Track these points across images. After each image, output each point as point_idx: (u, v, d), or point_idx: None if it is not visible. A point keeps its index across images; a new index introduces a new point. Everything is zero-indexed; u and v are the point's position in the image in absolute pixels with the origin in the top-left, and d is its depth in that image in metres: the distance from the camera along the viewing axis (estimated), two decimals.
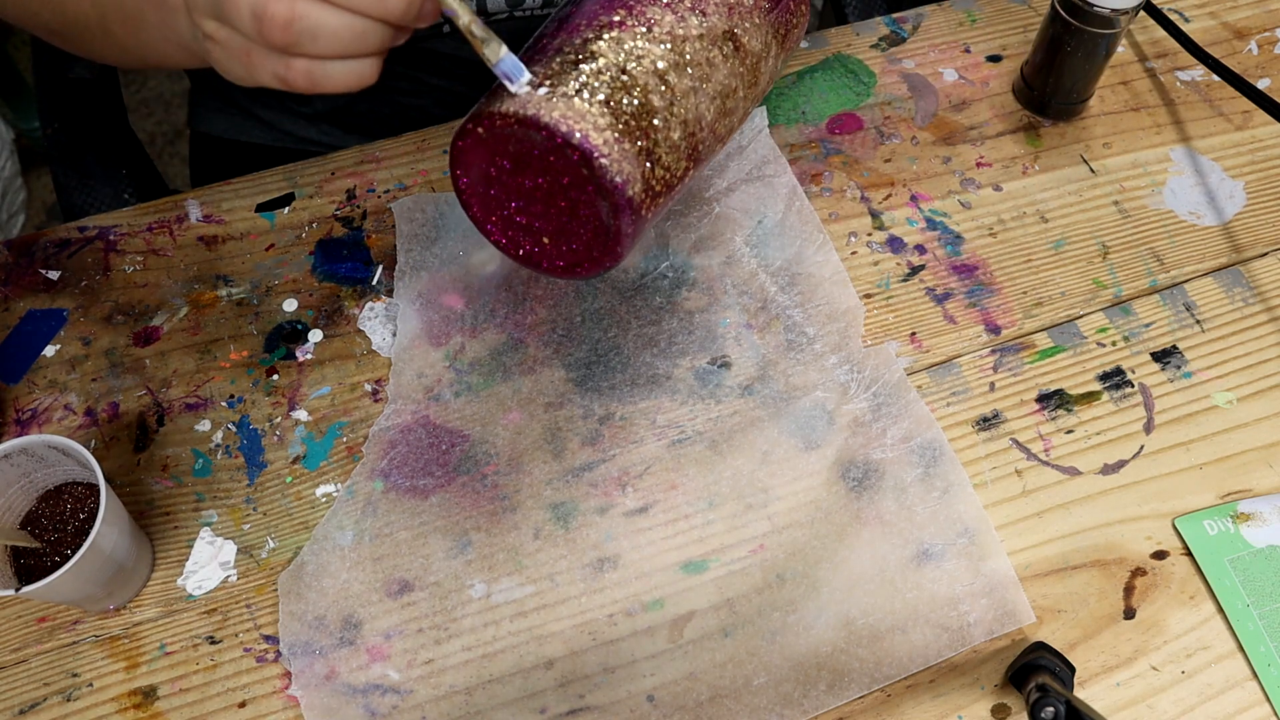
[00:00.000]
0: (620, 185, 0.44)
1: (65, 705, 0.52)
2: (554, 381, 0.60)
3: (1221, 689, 0.52)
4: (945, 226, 0.65)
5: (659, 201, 0.47)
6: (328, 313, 0.62)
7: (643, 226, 0.48)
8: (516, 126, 0.45)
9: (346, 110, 0.80)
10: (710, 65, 0.48)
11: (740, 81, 0.49)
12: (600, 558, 0.55)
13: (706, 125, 0.48)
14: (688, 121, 0.47)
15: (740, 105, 0.50)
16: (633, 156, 0.45)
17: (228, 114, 0.83)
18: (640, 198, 0.46)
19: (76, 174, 0.76)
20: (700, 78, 0.47)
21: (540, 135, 0.44)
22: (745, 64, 0.49)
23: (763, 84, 0.52)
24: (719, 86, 0.48)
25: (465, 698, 0.52)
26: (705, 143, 0.48)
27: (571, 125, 0.44)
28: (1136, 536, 0.56)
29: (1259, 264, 0.64)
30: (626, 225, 0.46)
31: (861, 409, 0.58)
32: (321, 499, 0.57)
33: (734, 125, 0.51)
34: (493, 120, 0.45)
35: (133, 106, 1.69)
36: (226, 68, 0.45)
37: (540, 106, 0.44)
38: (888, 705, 0.52)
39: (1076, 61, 0.65)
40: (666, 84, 0.46)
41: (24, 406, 0.59)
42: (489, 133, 0.46)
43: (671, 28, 0.47)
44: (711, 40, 0.48)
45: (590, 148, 0.44)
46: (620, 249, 0.47)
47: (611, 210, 0.45)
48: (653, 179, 0.46)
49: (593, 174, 0.44)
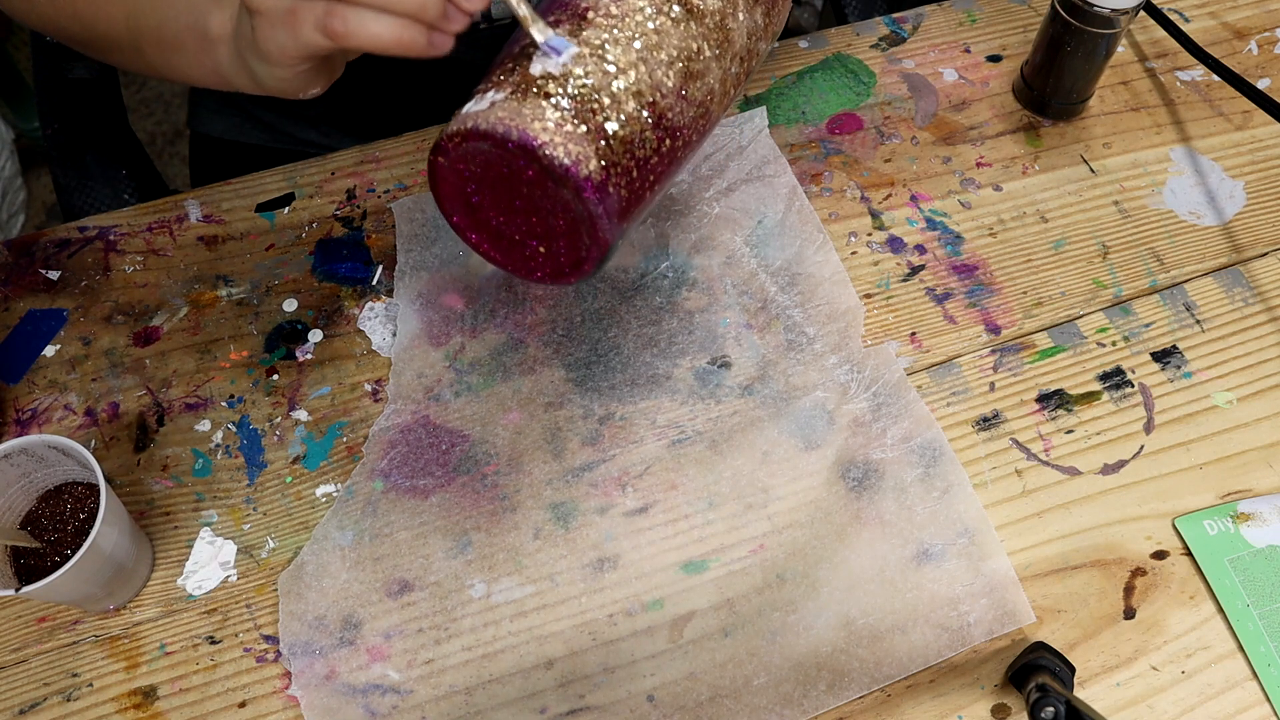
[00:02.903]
0: (571, 167, 0.44)
1: (65, 705, 0.52)
2: (554, 381, 0.60)
3: (1221, 689, 0.52)
4: (945, 226, 0.65)
5: (633, 177, 0.47)
6: (328, 313, 0.62)
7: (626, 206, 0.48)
8: (464, 143, 0.46)
9: (347, 113, 0.80)
10: (659, 33, 0.47)
11: (704, 42, 0.49)
12: (600, 558, 0.55)
13: (670, 92, 0.48)
14: (641, 92, 0.47)
15: (713, 65, 0.50)
16: (580, 137, 0.45)
17: (227, 115, 0.83)
18: (599, 174, 0.45)
19: (76, 174, 0.76)
20: (648, 46, 0.47)
21: (487, 144, 0.45)
22: (704, 24, 0.49)
23: (741, 39, 0.51)
24: (675, 52, 0.48)
25: (465, 698, 0.52)
26: (675, 109, 0.48)
27: (508, 124, 0.44)
28: (1136, 536, 0.56)
29: (1259, 264, 0.64)
30: (595, 206, 0.46)
31: (861, 409, 0.58)
32: (321, 499, 0.57)
33: (713, 87, 0.50)
34: (444, 146, 0.46)
35: (133, 106, 1.69)
36: (270, 38, 0.44)
37: (478, 117, 0.45)
38: (888, 705, 0.52)
39: (1076, 61, 0.65)
40: (605, 61, 0.46)
41: (24, 406, 0.59)
42: (447, 159, 0.47)
43: (606, 10, 0.47)
44: (656, 10, 0.48)
45: (528, 139, 0.44)
46: (600, 231, 0.47)
47: (575, 194, 0.45)
48: (613, 154, 0.46)
49: (539, 164, 0.44)
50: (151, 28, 0.52)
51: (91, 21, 0.55)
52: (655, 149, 0.48)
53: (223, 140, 0.83)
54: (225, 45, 0.49)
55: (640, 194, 0.48)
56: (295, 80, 0.48)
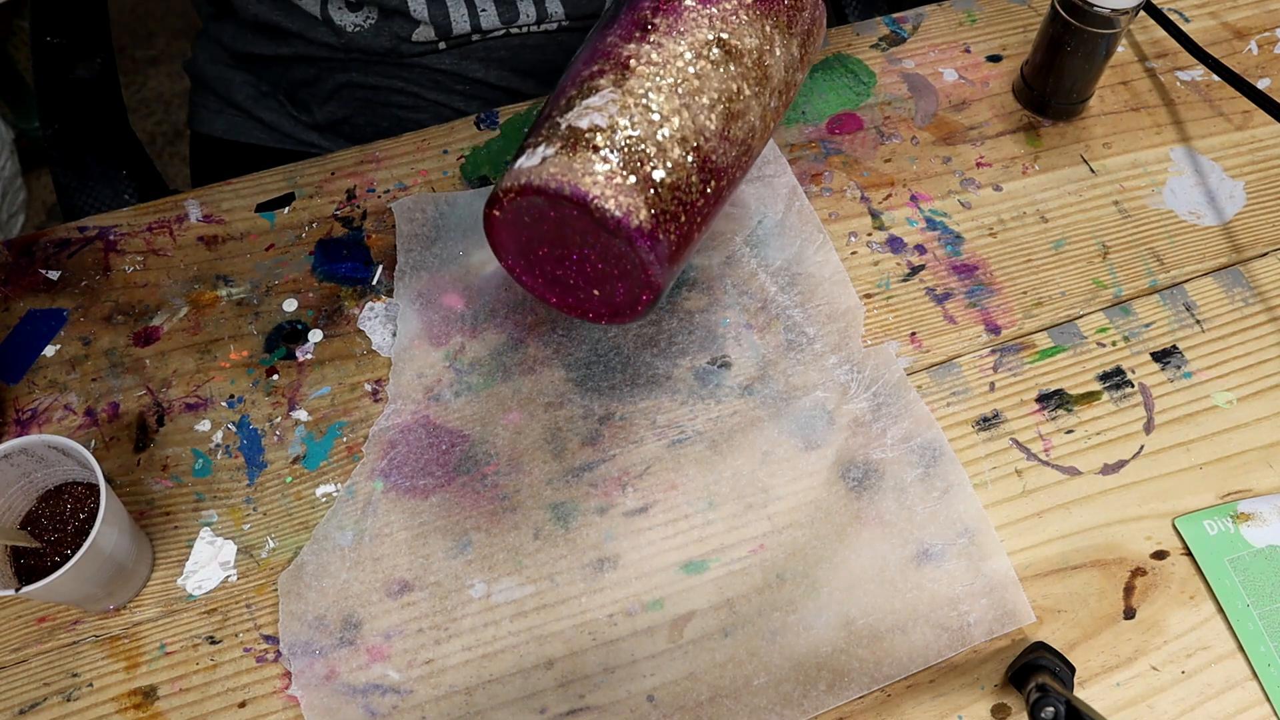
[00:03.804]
0: (623, 219, 0.46)
1: (65, 705, 0.52)
2: (554, 381, 0.60)
3: (1221, 689, 0.52)
4: (945, 226, 0.65)
5: (681, 221, 0.48)
6: (328, 313, 0.62)
7: (675, 250, 0.49)
8: (519, 198, 0.47)
9: (345, 122, 0.80)
10: (700, 78, 0.48)
11: (744, 81, 0.50)
12: (600, 558, 0.55)
13: (713, 134, 0.49)
14: (686, 138, 0.47)
15: (753, 103, 0.51)
16: (630, 188, 0.46)
17: (227, 115, 0.83)
18: (649, 224, 0.47)
19: (76, 174, 0.76)
20: (690, 92, 0.48)
21: (541, 199, 0.46)
22: (742, 64, 0.50)
23: (779, 73, 0.52)
24: (715, 94, 0.49)
25: (465, 698, 0.52)
26: (719, 150, 0.49)
27: (560, 180, 0.45)
28: (1136, 536, 0.56)
29: (1259, 264, 0.64)
30: (646, 254, 0.47)
31: (861, 409, 0.58)
32: (321, 499, 0.57)
33: (754, 124, 0.51)
34: (500, 200, 0.48)
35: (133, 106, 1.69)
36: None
37: (531, 173, 0.46)
38: (888, 705, 0.52)
39: (1076, 61, 0.65)
40: (650, 110, 0.47)
41: (24, 406, 0.59)
42: (503, 212, 0.49)
43: (648, 57, 0.48)
44: (696, 55, 0.49)
45: (580, 193, 0.45)
46: (653, 276, 0.48)
47: (628, 244, 0.47)
48: (661, 202, 0.47)
49: (592, 217, 0.46)
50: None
51: None
52: (701, 191, 0.49)
53: (223, 140, 0.83)
54: None
55: (689, 236, 0.50)
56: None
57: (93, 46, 0.80)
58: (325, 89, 0.77)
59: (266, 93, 0.82)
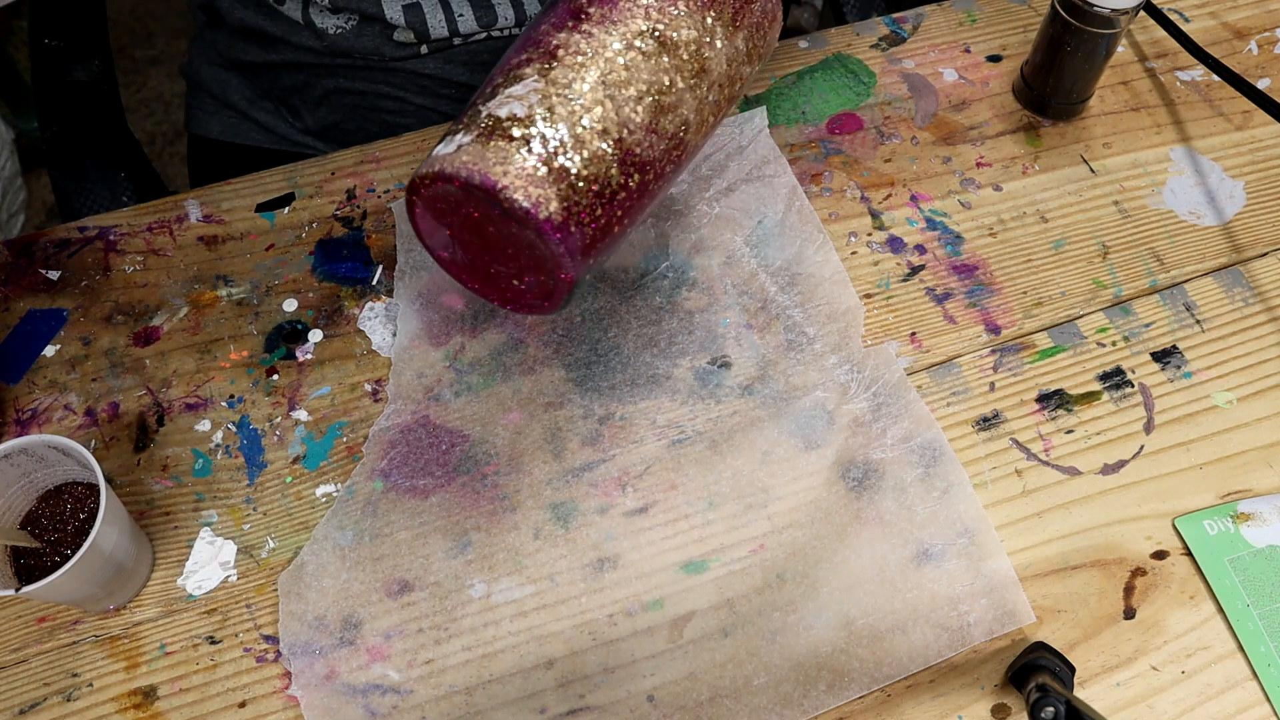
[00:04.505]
0: (531, 210, 0.45)
1: (65, 705, 0.52)
2: (554, 381, 0.60)
3: (1221, 689, 0.52)
4: (945, 226, 0.65)
5: (597, 214, 0.47)
6: (328, 313, 0.62)
7: (592, 242, 0.48)
8: (433, 185, 0.46)
9: (335, 128, 0.80)
10: (629, 69, 0.47)
11: (677, 74, 0.49)
12: (600, 558, 0.55)
13: (639, 127, 0.48)
14: (607, 129, 0.47)
15: (687, 96, 0.49)
16: (542, 179, 0.45)
17: (224, 117, 0.83)
18: (560, 215, 0.46)
19: (75, 177, 0.76)
20: (616, 83, 0.47)
21: (453, 187, 0.46)
22: (677, 56, 0.49)
23: (720, 67, 0.51)
24: (644, 86, 0.48)
25: (465, 698, 0.52)
26: (644, 144, 0.48)
27: (471, 168, 0.45)
28: (1136, 536, 0.56)
29: (1259, 264, 0.64)
30: (556, 245, 0.46)
31: (861, 409, 0.58)
32: (321, 499, 0.57)
33: (689, 118, 0.50)
34: (416, 187, 0.47)
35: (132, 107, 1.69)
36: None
37: (445, 160, 0.46)
38: (888, 705, 0.52)
39: (1076, 61, 0.65)
40: (571, 101, 0.46)
41: (24, 406, 0.59)
42: (420, 199, 0.48)
43: (576, 47, 0.47)
44: (627, 45, 0.48)
45: (491, 183, 0.44)
46: (564, 269, 0.47)
47: (537, 235, 0.46)
48: (575, 194, 0.46)
49: (501, 207, 0.45)
50: None
51: None
52: (623, 185, 0.48)
53: (220, 142, 0.83)
54: None
55: (608, 229, 0.48)
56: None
57: (90, 49, 0.80)
58: (314, 95, 0.78)
59: (261, 96, 0.82)
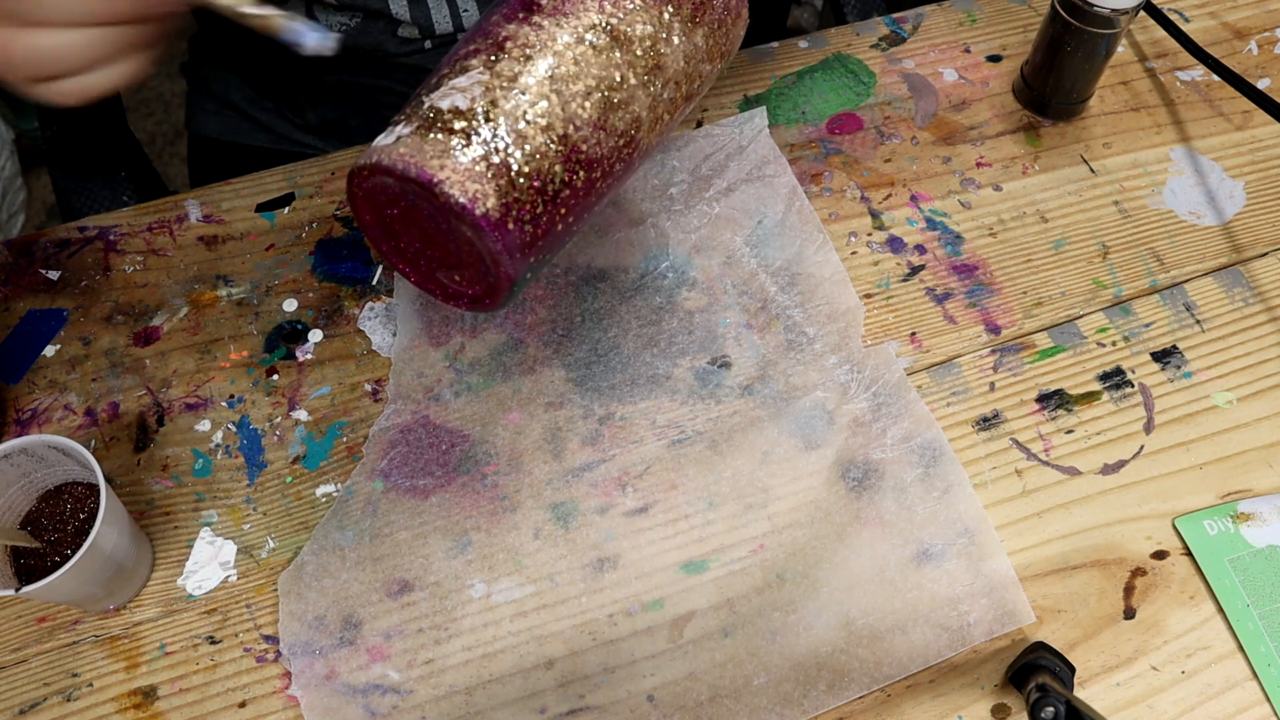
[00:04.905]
0: (467, 205, 0.44)
1: (65, 705, 0.52)
2: (554, 381, 0.60)
3: (1221, 689, 0.52)
4: (945, 226, 0.65)
5: (538, 211, 0.46)
6: (328, 313, 0.62)
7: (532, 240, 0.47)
8: (371, 177, 0.45)
9: (338, 124, 0.80)
10: (579, 63, 0.46)
11: (630, 70, 0.48)
12: (600, 558, 0.55)
13: (585, 123, 0.46)
14: (551, 125, 0.46)
15: (639, 93, 0.48)
16: (480, 174, 0.44)
17: (225, 116, 0.83)
18: (497, 212, 0.45)
19: (75, 177, 0.76)
20: (564, 78, 0.46)
21: (391, 179, 0.45)
22: (630, 51, 0.47)
23: (677, 63, 0.50)
24: (594, 81, 0.47)
25: (465, 698, 0.52)
26: (590, 140, 0.47)
27: (408, 161, 0.44)
28: (1136, 536, 0.56)
29: (1259, 264, 0.64)
30: (493, 243, 0.45)
31: (861, 409, 0.58)
32: (321, 499, 0.57)
33: (640, 115, 0.49)
34: (355, 178, 0.46)
35: (132, 107, 1.69)
36: None
37: (383, 152, 0.45)
38: (888, 705, 0.52)
39: (1076, 61, 0.65)
40: (512, 94, 0.45)
41: (24, 406, 0.59)
42: (360, 190, 0.47)
43: (525, 40, 0.46)
44: (577, 39, 0.46)
45: (425, 176, 0.44)
46: (502, 266, 0.46)
47: (474, 231, 0.45)
48: (515, 190, 0.45)
49: (437, 201, 0.44)
50: None
51: None
52: (567, 182, 0.47)
53: (221, 141, 0.83)
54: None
55: (550, 226, 0.47)
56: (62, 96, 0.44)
57: None
58: (317, 90, 0.77)
59: (262, 94, 0.82)
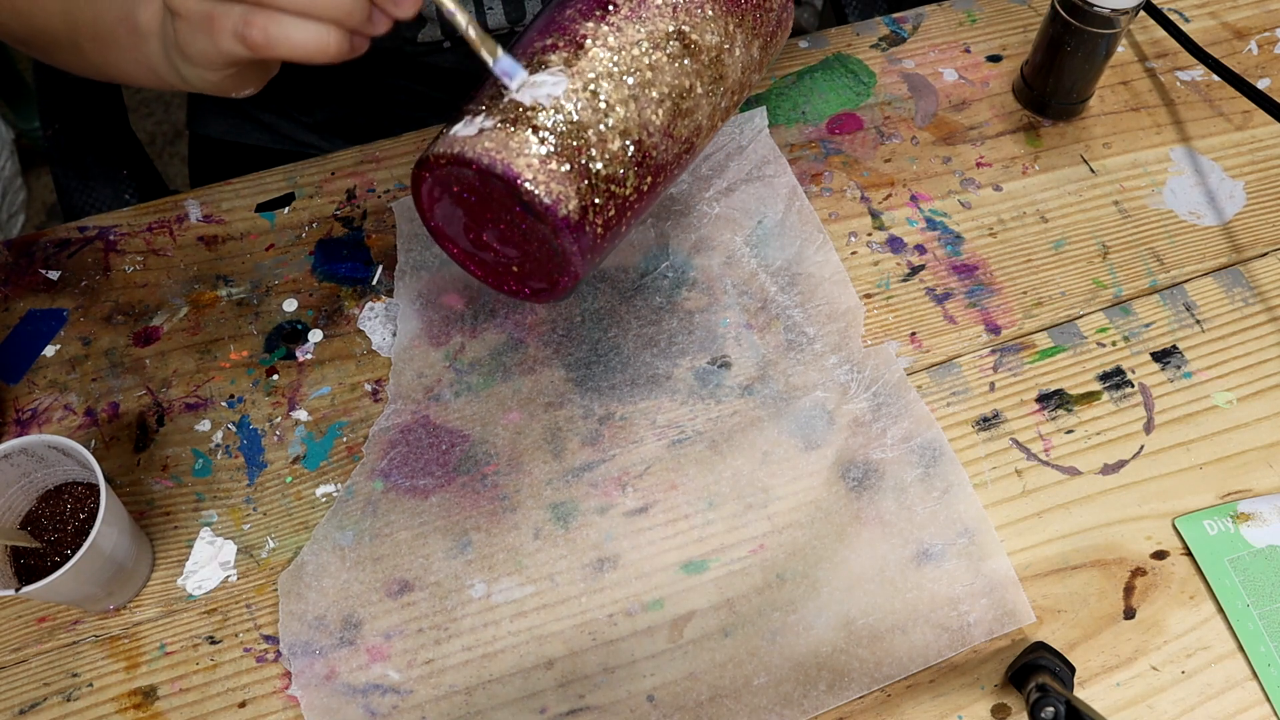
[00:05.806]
0: (551, 206, 0.44)
1: (65, 705, 0.52)
2: (554, 381, 0.60)
3: (1221, 689, 0.52)
4: (945, 226, 0.65)
5: (610, 215, 0.47)
6: (328, 313, 0.62)
7: (599, 241, 0.47)
8: (449, 166, 0.45)
9: (347, 121, 0.80)
10: (654, 69, 0.47)
11: (697, 79, 0.48)
12: (600, 558, 0.55)
13: (657, 130, 0.47)
14: (629, 130, 0.46)
15: (704, 102, 0.49)
16: (563, 175, 0.44)
17: (227, 116, 0.83)
18: (577, 214, 0.45)
19: (77, 175, 0.76)
20: (641, 84, 0.46)
21: (471, 172, 0.45)
22: (699, 60, 0.48)
23: (736, 74, 0.50)
24: (666, 89, 0.47)
25: (465, 698, 0.52)
26: (660, 147, 0.47)
27: (494, 156, 0.44)
28: (1136, 536, 0.56)
29: (1259, 264, 0.64)
30: (569, 244, 0.46)
31: (861, 409, 0.58)
32: (321, 499, 0.57)
33: (702, 123, 0.49)
34: (430, 163, 0.46)
35: (133, 106, 1.69)
36: (191, 42, 0.43)
37: (465, 143, 0.45)
38: (888, 705, 0.52)
39: (1076, 61, 0.65)
40: (598, 97, 0.45)
41: (24, 406, 0.59)
42: (432, 175, 0.47)
43: (605, 40, 0.46)
44: (654, 45, 0.47)
45: (514, 174, 0.44)
46: (573, 267, 0.47)
47: (552, 231, 0.45)
48: (593, 194, 0.45)
49: (521, 200, 0.44)
50: (87, 22, 0.51)
51: (29, 16, 0.53)
52: (636, 186, 0.47)
53: (222, 141, 0.83)
54: (155, 39, 0.47)
55: (617, 229, 0.48)
56: (223, 83, 0.46)
57: None
58: (326, 86, 0.77)
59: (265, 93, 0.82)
